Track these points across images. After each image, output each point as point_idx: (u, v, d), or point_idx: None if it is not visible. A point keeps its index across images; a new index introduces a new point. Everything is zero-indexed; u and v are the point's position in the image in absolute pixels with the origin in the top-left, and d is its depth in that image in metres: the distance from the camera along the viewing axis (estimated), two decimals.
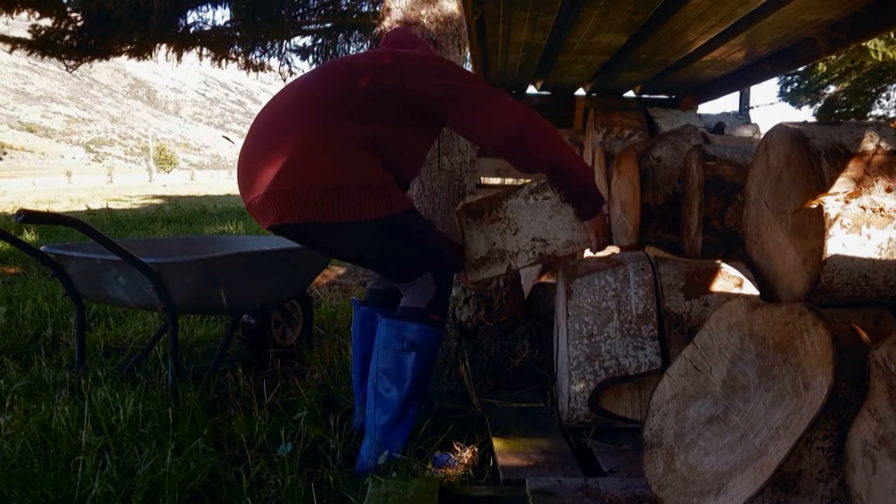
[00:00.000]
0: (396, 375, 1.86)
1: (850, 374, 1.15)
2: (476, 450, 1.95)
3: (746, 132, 4.25)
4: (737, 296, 1.92)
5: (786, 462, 1.13)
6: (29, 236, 7.31)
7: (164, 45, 7.57)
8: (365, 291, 2.18)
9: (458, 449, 1.95)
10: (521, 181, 6.24)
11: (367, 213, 1.74)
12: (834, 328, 1.21)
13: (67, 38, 7.12)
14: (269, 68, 8.35)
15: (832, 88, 11.69)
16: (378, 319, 1.93)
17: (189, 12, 7.50)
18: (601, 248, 2.00)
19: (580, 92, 5.06)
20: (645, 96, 5.05)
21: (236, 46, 7.92)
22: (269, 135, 1.81)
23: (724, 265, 2.06)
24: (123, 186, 25.65)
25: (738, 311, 1.47)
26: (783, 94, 11.90)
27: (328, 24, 8.14)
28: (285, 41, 8.10)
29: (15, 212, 2.00)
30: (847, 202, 1.72)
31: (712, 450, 1.33)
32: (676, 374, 1.55)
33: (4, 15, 6.61)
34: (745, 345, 1.41)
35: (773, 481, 1.13)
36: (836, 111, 11.54)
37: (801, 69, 10.30)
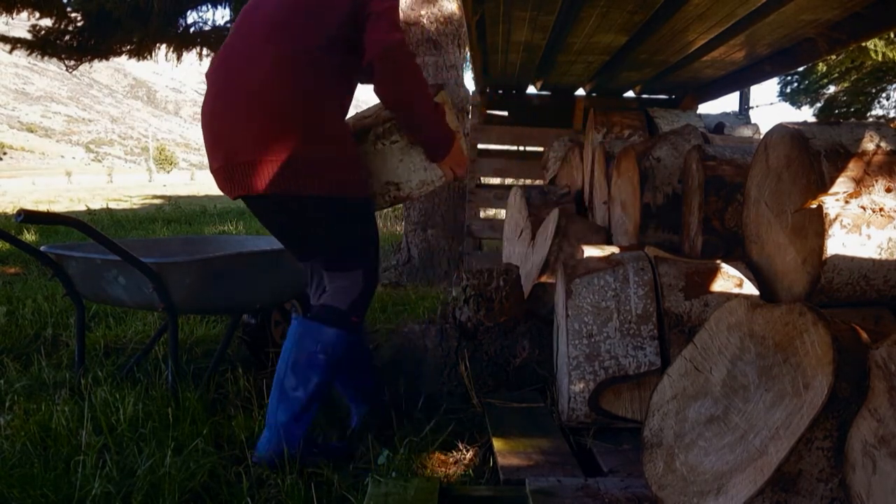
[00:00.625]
0: (305, 376, 1.83)
1: (850, 374, 1.15)
2: (476, 450, 1.95)
3: (746, 132, 4.24)
4: (737, 296, 1.92)
5: (786, 462, 1.13)
6: (29, 236, 7.32)
7: (164, 45, 7.57)
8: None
9: (463, 449, 1.95)
10: (521, 181, 6.24)
11: (335, 188, 1.76)
12: (834, 328, 1.21)
13: (67, 38, 7.12)
14: None
15: (832, 88, 11.70)
16: (294, 317, 1.90)
17: (189, 12, 7.50)
18: (462, 177, 2.07)
19: (580, 92, 5.06)
20: (645, 96, 5.05)
21: None
22: (233, 95, 1.75)
23: (724, 265, 2.06)
24: (123, 186, 25.65)
25: (738, 311, 1.47)
26: (783, 94, 11.90)
27: None
28: None
29: (15, 212, 1.99)
30: (847, 202, 1.72)
31: (712, 450, 1.33)
32: (676, 374, 1.55)
33: (4, 15, 6.61)
34: (745, 345, 1.41)
35: (773, 481, 1.13)
36: (836, 111, 11.54)
37: (801, 69, 10.30)
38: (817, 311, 1.26)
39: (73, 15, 7.04)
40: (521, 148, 5.52)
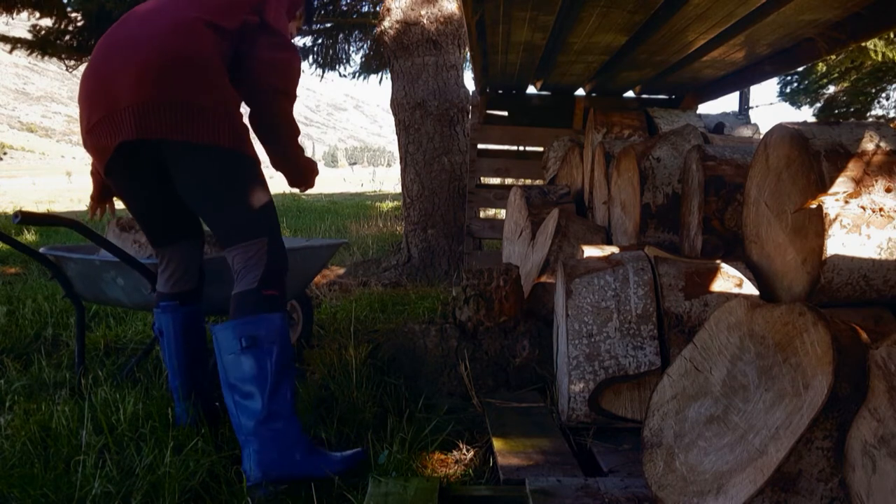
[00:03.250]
0: (248, 379, 1.70)
1: (849, 374, 1.15)
2: (476, 450, 1.95)
3: (746, 132, 4.24)
4: (737, 296, 1.91)
5: (785, 462, 1.13)
6: (28, 237, 7.31)
7: None
8: (156, 297, 2.09)
9: (463, 449, 1.95)
10: (521, 181, 6.24)
11: (232, 141, 1.72)
12: (834, 328, 1.21)
13: (67, 38, 7.12)
14: None
15: (832, 88, 11.69)
16: (212, 328, 1.77)
17: None
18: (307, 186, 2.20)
19: (580, 92, 5.06)
20: (645, 96, 5.04)
21: None
22: (122, 49, 1.72)
23: (723, 265, 2.06)
24: None
25: (737, 311, 1.47)
26: (783, 94, 11.89)
27: (328, 24, 8.14)
28: None
29: (13, 213, 1.99)
30: (847, 202, 1.72)
31: (712, 450, 1.33)
32: (676, 374, 1.55)
33: (4, 15, 6.61)
34: (745, 345, 1.41)
35: (772, 481, 1.13)
36: (836, 111, 11.53)
37: (801, 69, 10.30)
38: (817, 310, 1.26)
39: (74, 15, 7.04)
40: (521, 148, 5.53)
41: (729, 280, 2.01)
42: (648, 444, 1.48)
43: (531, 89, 5.17)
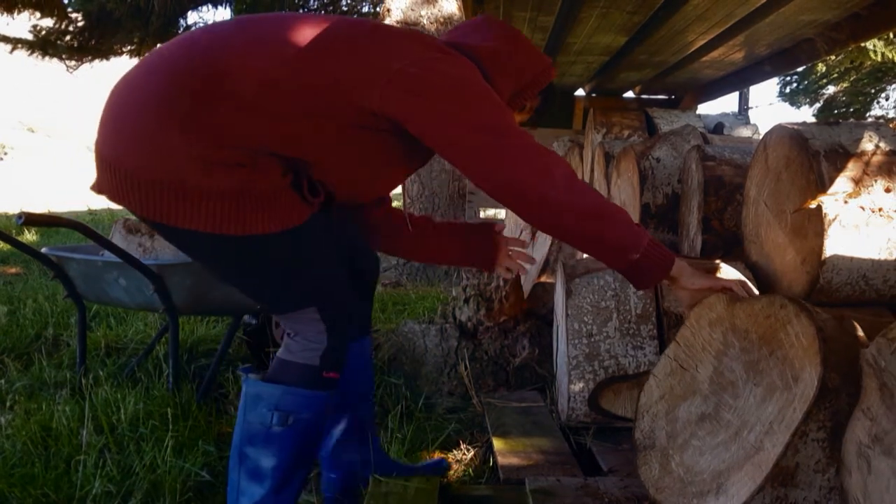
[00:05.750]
0: (264, 453, 1.40)
1: (837, 364, 1.15)
2: (476, 449, 1.95)
3: (746, 132, 4.25)
4: None
5: (783, 457, 1.13)
6: (29, 236, 7.32)
7: None
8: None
9: (463, 448, 1.95)
10: None
11: (215, 224, 1.27)
12: (817, 318, 1.21)
13: (68, 38, 7.14)
14: None
15: (831, 89, 11.70)
16: (244, 378, 1.45)
17: (189, 12, 7.52)
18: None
19: (580, 92, 5.07)
20: (645, 96, 5.05)
21: None
22: (136, 86, 1.31)
23: (723, 265, 2.06)
24: None
25: (717, 307, 1.45)
26: (783, 94, 11.90)
27: None
28: None
29: (16, 213, 1.99)
30: (846, 202, 1.73)
31: (707, 448, 1.33)
32: (662, 374, 1.53)
33: (5, 15, 6.62)
34: (729, 340, 1.40)
35: (772, 477, 1.14)
36: (836, 111, 11.54)
37: (800, 69, 10.30)
38: (799, 301, 1.26)
39: (74, 15, 7.06)
40: None
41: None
42: (641, 447, 1.47)
43: None
